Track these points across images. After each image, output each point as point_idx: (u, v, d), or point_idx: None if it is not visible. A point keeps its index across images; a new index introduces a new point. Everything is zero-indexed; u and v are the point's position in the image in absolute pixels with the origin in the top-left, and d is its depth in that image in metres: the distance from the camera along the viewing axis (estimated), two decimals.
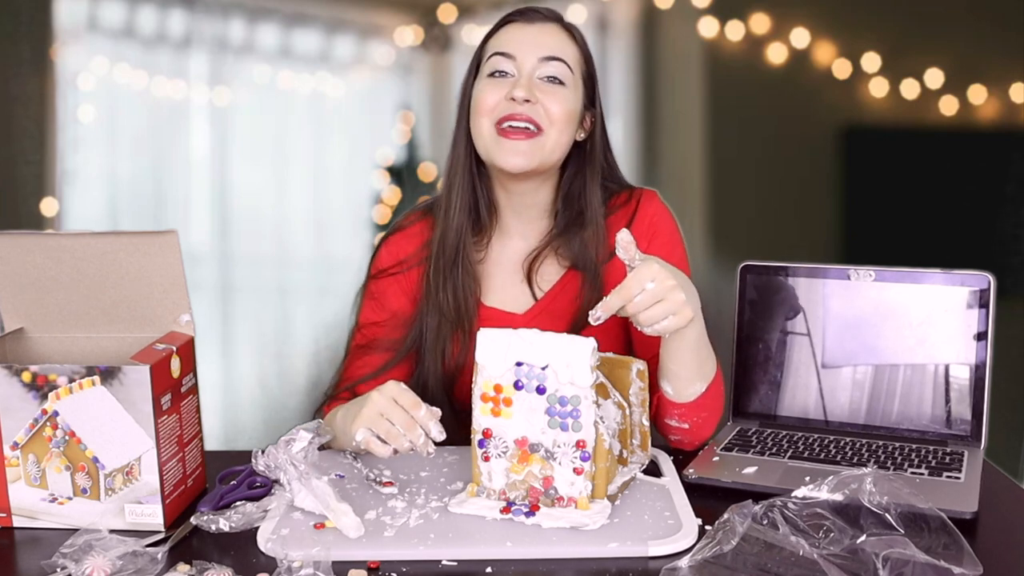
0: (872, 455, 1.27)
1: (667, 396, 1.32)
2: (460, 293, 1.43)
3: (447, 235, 1.43)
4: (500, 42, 1.41)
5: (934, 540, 0.97)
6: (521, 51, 1.39)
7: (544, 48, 1.39)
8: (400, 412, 1.15)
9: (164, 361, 1.14)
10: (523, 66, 1.38)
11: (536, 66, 1.38)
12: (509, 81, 1.39)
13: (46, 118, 2.52)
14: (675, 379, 1.30)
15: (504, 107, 1.37)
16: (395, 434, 1.15)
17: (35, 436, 1.13)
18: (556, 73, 1.39)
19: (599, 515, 1.10)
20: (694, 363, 1.29)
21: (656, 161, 2.62)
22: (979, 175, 2.52)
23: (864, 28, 2.50)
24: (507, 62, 1.39)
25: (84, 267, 1.21)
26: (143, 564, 1.02)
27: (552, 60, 1.39)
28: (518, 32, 1.41)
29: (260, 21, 2.59)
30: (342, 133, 2.65)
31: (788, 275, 1.41)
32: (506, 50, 1.39)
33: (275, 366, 2.64)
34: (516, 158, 1.37)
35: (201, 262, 2.60)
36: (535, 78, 1.38)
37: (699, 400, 1.32)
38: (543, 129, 1.37)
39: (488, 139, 1.39)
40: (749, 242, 2.55)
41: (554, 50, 1.39)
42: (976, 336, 1.32)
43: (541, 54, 1.39)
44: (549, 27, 1.42)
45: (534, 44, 1.39)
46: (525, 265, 1.47)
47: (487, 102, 1.38)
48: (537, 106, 1.37)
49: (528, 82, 1.37)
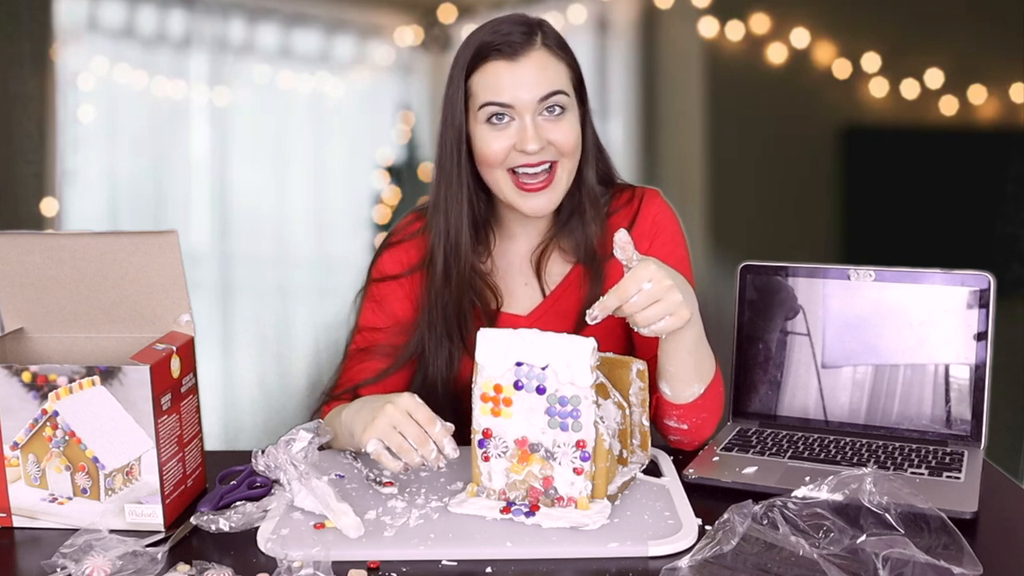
0: (872, 455, 1.27)
1: (665, 397, 1.32)
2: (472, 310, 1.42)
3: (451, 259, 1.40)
4: (489, 88, 1.34)
5: (934, 540, 0.97)
6: (517, 98, 1.33)
7: (540, 87, 1.33)
8: (414, 427, 1.15)
9: (164, 361, 1.14)
10: (523, 112, 1.33)
11: (535, 107, 1.33)
12: (512, 129, 1.34)
13: (46, 118, 2.52)
14: (673, 380, 1.30)
15: (515, 156, 1.34)
16: (407, 448, 1.15)
17: (35, 436, 1.13)
18: (557, 103, 1.34)
19: (599, 515, 1.10)
20: (692, 364, 1.29)
21: (656, 161, 2.62)
22: (979, 175, 2.52)
23: (864, 28, 2.50)
24: (504, 109, 1.34)
25: (84, 267, 1.21)
26: (143, 564, 1.02)
27: (551, 96, 1.34)
28: (506, 75, 1.33)
29: (260, 21, 2.59)
30: (342, 133, 2.65)
31: (788, 275, 1.41)
32: (499, 100, 1.33)
33: (275, 366, 2.64)
34: (538, 203, 1.36)
35: (201, 262, 2.60)
36: (536, 117, 1.34)
37: (697, 401, 1.31)
38: (557, 162, 1.36)
39: (508, 191, 1.37)
40: (749, 242, 2.55)
41: (550, 85, 1.34)
42: (976, 336, 1.32)
43: (539, 95, 1.33)
44: (535, 57, 1.33)
45: (528, 86, 1.33)
46: (533, 260, 1.46)
47: (495, 153, 1.34)
48: (548, 147, 1.34)
49: (534, 129, 1.33)
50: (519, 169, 1.35)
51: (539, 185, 1.35)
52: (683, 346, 1.27)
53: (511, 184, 1.36)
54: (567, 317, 1.44)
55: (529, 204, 1.36)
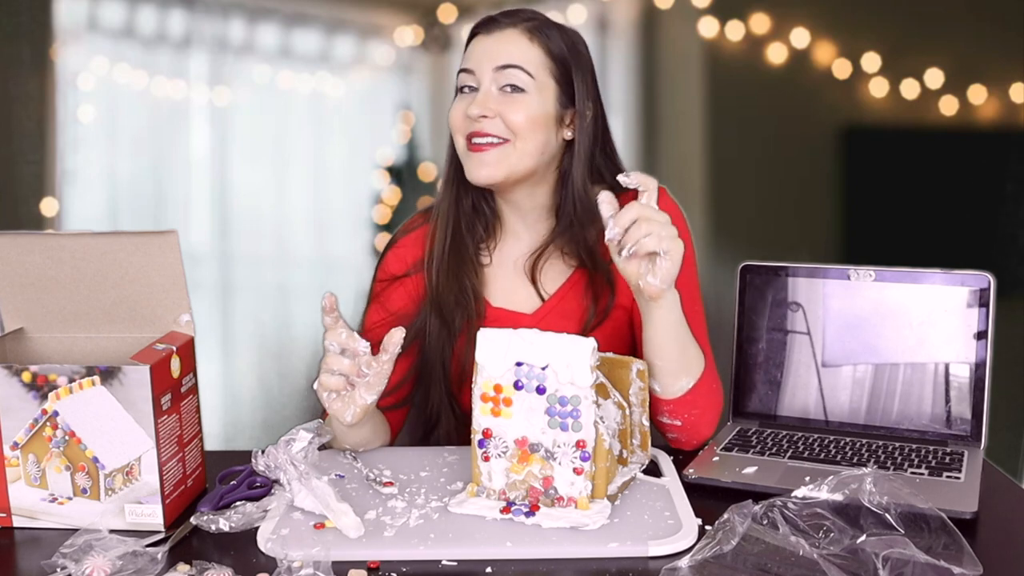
0: (872, 455, 1.27)
1: (655, 393, 1.33)
2: (464, 293, 1.43)
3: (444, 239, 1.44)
4: (465, 57, 1.42)
5: (934, 540, 0.97)
6: (479, 65, 1.39)
7: (499, 57, 1.38)
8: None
9: (164, 361, 1.14)
10: (482, 80, 1.38)
11: (493, 77, 1.38)
12: (472, 97, 1.39)
13: (46, 118, 2.52)
14: (661, 374, 1.31)
15: (468, 124, 1.38)
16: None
17: (35, 436, 1.13)
18: (513, 81, 1.38)
19: (599, 515, 1.10)
20: (676, 353, 1.30)
21: (656, 161, 2.62)
22: (979, 175, 2.52)
23: (864, 28, 2.50)
24: (469, 77, 1.40)
25: (84, 267, 1.21)
26: (143, 564, 1.02)
27: (507, 68, 1.37)
28: (478, 45, 1.40)
29: (260, 21, 2.59)
30: (342, 133, 2.65)
31: (788, 275, 1.41)
32: (467, 65, 1.40)
33: (275, 366, 2.64)
34: (482, 169, 1.38)
35: (201, 262, 2.60)
36: (494, 90, 1.38)
37: (687, 396, 1.32)
38: (508, 140, 1.38)
39: (462, 155, 1.41)
40: (749, 242, 2.55)
41: (510, 58, 1.38)
42: (976, 336, 1.32)
43: (495, 64, 1.38)
44: (507, 34, 1.39)
45: (489, 55, 1.38)
46: (528, 266, 1.47)
47: (455, 119, 1.40)
48: (496, 120, 1.37)
49: (484, 97, 1.37)
50: (473, 139, 1.38)
51: (485, 145, 1.38)
52: (666, 329, 1.28)
53: (464, 147, 1.40)
54: (571, 318, 1.44)
55: (473, 169, 1.39)
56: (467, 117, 1.38)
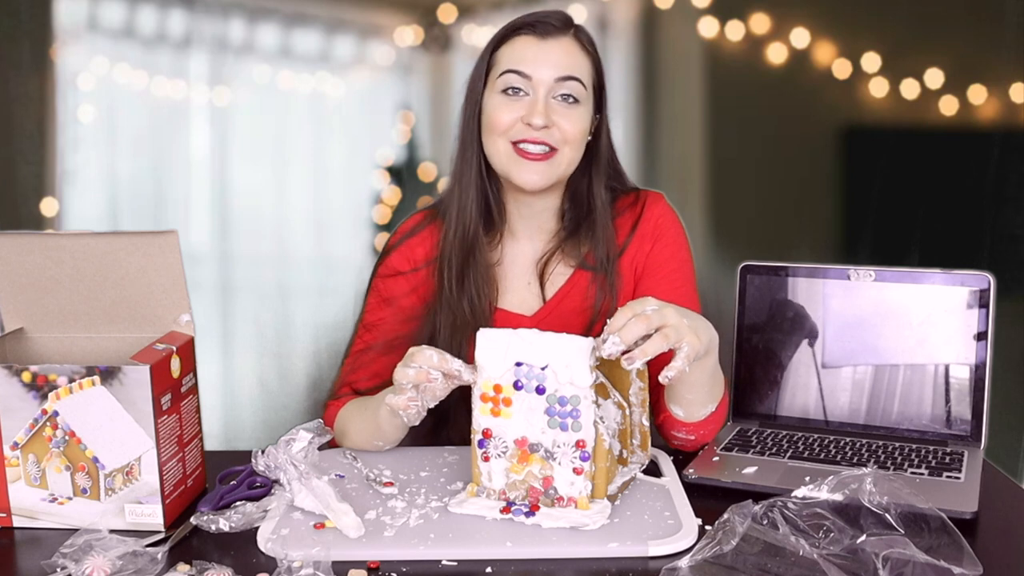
0: (872, 455, 1.27)
1: (677, 417, 1.32)
2: (476, 298, 1.42)
3: (462, 236, 1.42)
4: (513, 57, 1.38)
5: (934, 540, 0.97)
6: (536, 71, 1.36)
7: (560, 68, 1.37)
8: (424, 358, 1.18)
9: (164, 361, 1.14)
10: (538, 87, 1.36)
11: (551, 87, 1.37)
12: (524, 102, 1.37)
13: (46, 118, 2.52)
14: (687, 405, 1.30)
15: (520, 130, 1.36)
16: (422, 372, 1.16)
17: (35, 436, 1.13)
18: (571, 92, 1.37)
19: (599, 515, 1.10)
20: (707, 389, 1.29)
21: (656, 161, 2.62)
22: (979, 175, 2.52)
23: (864, 28, 2.49)
24: (521, 80, 1.37)
25: (84, 267, 1.21)
26: (143, 564, 1.02)
27: (567, 80, 1.37)
28: (532, 48, 1.37)
29: (260, 21, 2.59)
30: (342, 133, 2.65)
31: (788, 275, 1.41)
32: (520, 68, 1.37)
33: (275, 366, 2.64)
34: (532, 176, 1.37)
35: (201, 262, 2.60)
36: (550, 98, 1.37)
37: (708, 418, 1.32)
38: (558, 148, 1.37)
39: (505, 158, 1.38)
40: (749, 242, 2.54)
41: (570, 69, 1.37)
42: (976, 336, 1.32)
43: (557, 74, 1.36)
44: (563, 42, 1.38)
45: (549, 63, 1.36)
46: (538, 267, 1.46)
47: (502, 122, 1.37)
48: (553, 129, 1.36)
49: (544, 106, 1.36)
50: (521, 144, 1.37)
51: (538, 155, 1.36)
52: (703, 375, 1.26)
53: (511, 151, 1.38)
54: (571, 318, 1.44)
55: (524, 175, 1.37)
56: (521, 123, 1.36)
